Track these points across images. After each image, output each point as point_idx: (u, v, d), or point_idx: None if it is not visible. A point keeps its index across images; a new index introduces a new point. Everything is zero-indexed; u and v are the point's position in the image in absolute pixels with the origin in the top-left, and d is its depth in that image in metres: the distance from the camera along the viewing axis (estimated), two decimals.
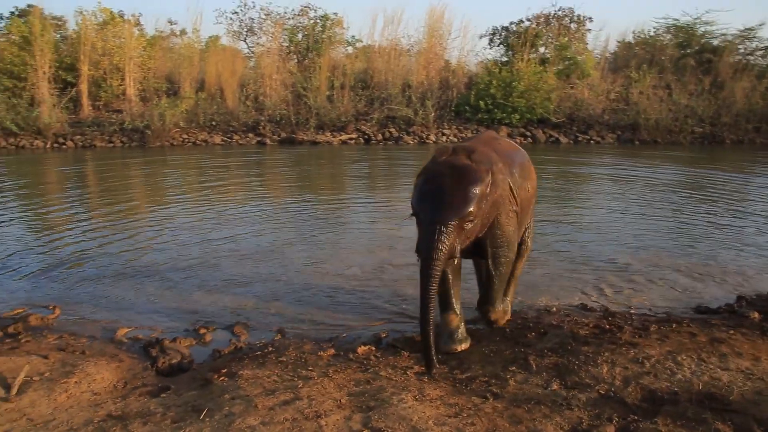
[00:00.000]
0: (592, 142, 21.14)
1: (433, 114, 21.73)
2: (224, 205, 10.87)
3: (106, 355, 4.48)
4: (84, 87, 23.14)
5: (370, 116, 22.08)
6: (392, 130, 21.65)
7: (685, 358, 4.15)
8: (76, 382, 3.93)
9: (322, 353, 4.44)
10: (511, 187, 4.38)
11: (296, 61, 25.48)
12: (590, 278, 6.55)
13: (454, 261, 3.97)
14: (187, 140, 21.12)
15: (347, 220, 9.80)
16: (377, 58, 24.55)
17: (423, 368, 4.06)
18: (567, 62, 24.40)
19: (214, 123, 21.89)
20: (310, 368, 4.08)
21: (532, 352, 4.36)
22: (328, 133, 21.46)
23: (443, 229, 3.74)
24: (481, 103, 21.91)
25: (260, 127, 21.59)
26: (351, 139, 21.37)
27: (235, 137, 21.18)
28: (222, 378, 3.94)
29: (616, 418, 3.36)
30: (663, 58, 24.75)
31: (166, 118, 20.85)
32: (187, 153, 19.15)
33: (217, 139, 21.23)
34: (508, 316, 5.13)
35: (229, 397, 3.57)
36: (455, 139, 21.10)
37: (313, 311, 5.59)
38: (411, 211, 4.01)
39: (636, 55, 24.98)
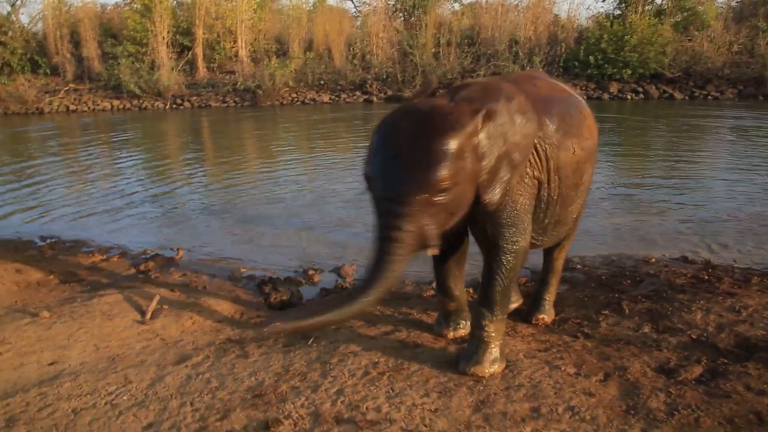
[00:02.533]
0: (710, 97, 20.09)
1: (540, 70, 21.25)
2: (331, 158, 11.31)
3: (224, 291, 4.94)
4: (199, 50, 24.28)
5: (476, 73, 21.94)
6: None
7: None
8: (199, 311, 4.39)
9: (422, 294, 4.69)
10: (537, 144, 3.26)
11: (402, 19, 25.56)
12: (696, 233, 6.44)
13: (435, 250, 2.88)
14: (296, 99, 21.80)
15: None
16: (484, 14, 24.24)
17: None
18: (685, 13, 23.13)
19: (322, 82, 22.44)
20: (411, 307, 4.34)
21: (626, 298, 4.42)
22: None
23: (399, 207, 2.74)
24: (591, 58, 21.26)
25: (367, 86, 21.94)
26: None
27: (343, 95, 21.65)
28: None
29: (705, 360, 3.42)
30: None
31: (276, 78, 21.57)
32: (297, 111, 19.79)
33: (325, 97, 21.78)
34: (548, 318, 4.14)
35: (334, 328, 3.90)
36: None
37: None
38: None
39: (766, 2, 23.23)
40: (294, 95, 22.11)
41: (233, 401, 3.07)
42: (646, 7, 22.70)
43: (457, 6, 26.91)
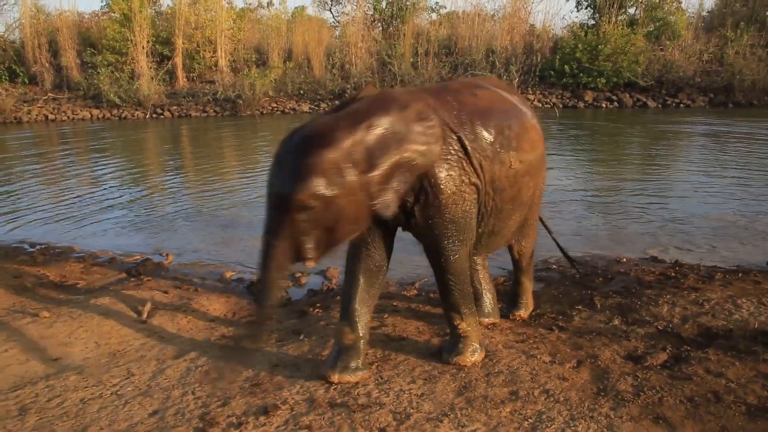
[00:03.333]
0: (681, 105, 20.62)
1: (517, 79, 21.68)
2: None
3: (216, 292, 5.14)
4: (179, 60, 24.36)
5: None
6: None
7: (744, 301, 4.38)
8: (193, 311, 4.60)
9: (406, 292, 4.93)
10: (467, 152, 3.25)
11: (381, 29, 25.91)
12: (667, 234, 6.77)
13: (311, 262, 2.97)
14: (276, 108, 21.99)
15: None
16: (461, 24, 24.64)
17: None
18: (657, 23, 23.71)
19: (301, 92, 22.64)
20: (395, 302, 4.58)
21: (598, 294, 4.70)
22: None
23: (271, 220, 2.88)
24: (566, 67, 21.70)
25: (346, 95, 22.15)
26: None
27: (322, 105, 21.86)
28: (317, 310, 4.53)
29: (670, 348, 3.68)
30: (767, 14, 23.54)
31: (256, 88, 21.74)
32: (277, 120, 19.99)
33: (305, 107, 21.99)
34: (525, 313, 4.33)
35: (324, 324, 4.13)
36: (539, 105, 21.06)
37: (400, 256, 6.09)
38: None
39: (734, 12, 23.87)
40: (274, 105, 22.29)
41: (232, 390, 3.29)
42: (620, 17, 23.24)
43: (434, 16, 27.36)
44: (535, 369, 3.41)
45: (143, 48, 23.98)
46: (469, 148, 3.26)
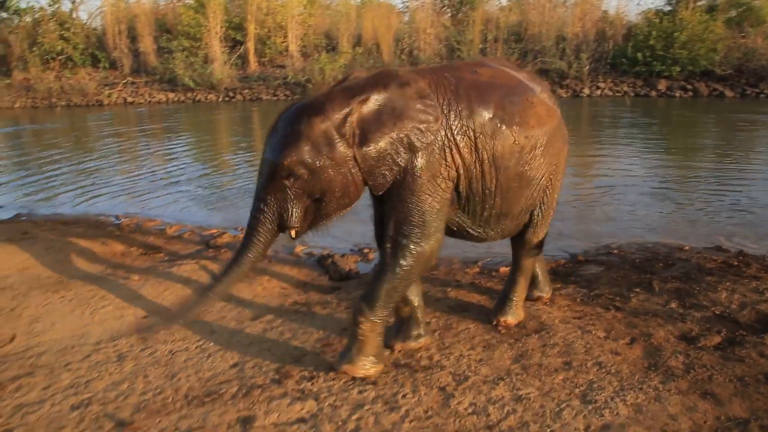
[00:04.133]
0: (762, 95, 19.87)
1: (587, 67, 21.37)
2: None
3: (288, 264, 5.47)
4: (251, 44, 24.98)
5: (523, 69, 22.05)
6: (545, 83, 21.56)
7: None
8: (268, 281, 4.93)
9: (468, 270, 5.13)
10: (461, 136, 3.20)
11: (450, 15, 25.88)
12: (735, 224, 6.73)
13: (293, 232, 3.06)
14: None
15: None
16: (531, 10, 24.35)
17: (554, 284, 4.61)
18: (740, 8, 22.87)
19: None
20: (457, 278, 4.81)
21: (657, 278, 4.79)
22: None
23: (261, 186, 3.00)
24: (639, 55, 21.22)
25: None
26: None
27: None
28: None
29: (725, 332, 3.78)
30: None
31: (326, 73, 22.12)
32: None
33: None
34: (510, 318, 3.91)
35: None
36: (609, 93, 20.72)
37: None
38: None
39: None
40: None
41: (305, 348, 3.59)
42: (698, 3, 22.55)
43: (504, 2, 27.14)
44: (589, 343, 3.58)
45: (216, 33, 24.72)
46: (455, 128, 3.18)
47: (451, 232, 3.52)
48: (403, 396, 3.06)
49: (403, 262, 3.15)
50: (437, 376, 3.23)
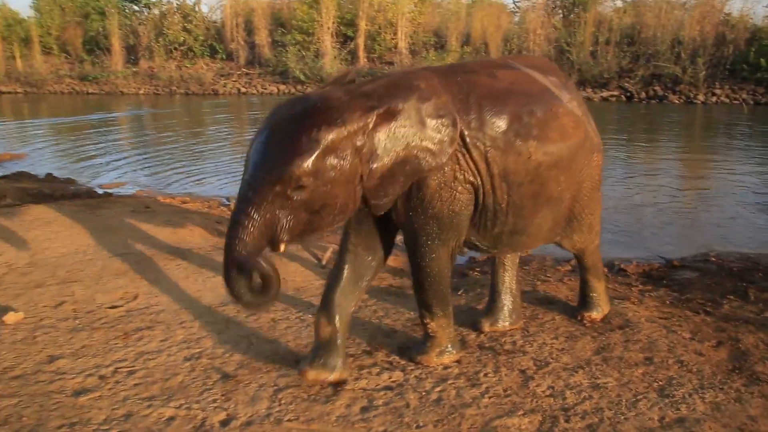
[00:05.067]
0: None
1: (703, 72, 20.51)
2: None
3: None
4: (361, 41, 25.59)
5: (634, 73, 21.53)
6: (657, 88, 20.98)
7: None
8: None
9: (560, 267, 5.24)
10: (473, 145, 2.98)
11: (561, 16, 25.49)
12: None
13: (281, 248, 2.70)
14: None
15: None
16: (647, 12, 23.59)
17: (645, 287, 4.65)
18: None
19: None
20: (547, 275, 4.93)
21: (755, 287, 4.71)
22: (589, 89, 21.41)
23: (252, 194, 2.58)
24: (763, 60, 20.14)
25: None
26: (612, 96, 21.15)
27: None
28: (476, 273, 5.00)
29: None
30: None
31: None
32: None
33: None
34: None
35: (481, 284, 4.57)
36: (726, 101, 19.82)
37: None
38: None
39: None
40: None
41: (396, 326, 3.85)
42: None
43: (619, 3, 26.44)
44: (673, 342, 3.63)
45: (328, 29, 25.51)
46: (468, 139, 2.96)
47: None
48: (485, 375, 3.24)
49: (429, 271, 3.11)
50: (519, 360, 3.39)
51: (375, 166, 2.72)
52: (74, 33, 28.94)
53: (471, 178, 3.01)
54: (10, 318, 3.90)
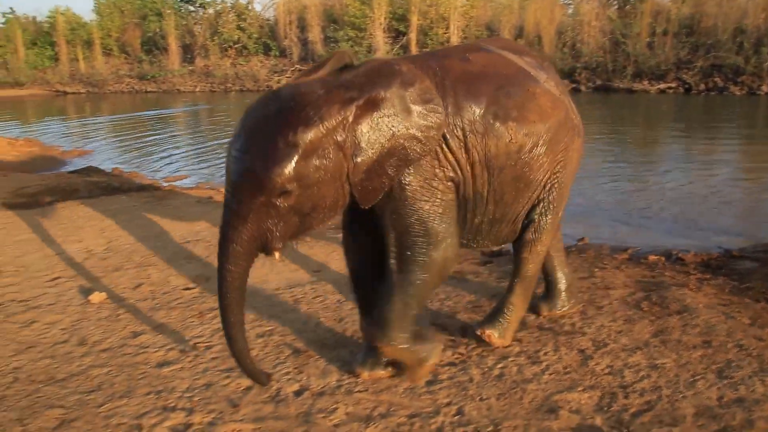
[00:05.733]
0: None
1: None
2: None
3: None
4: (413, 35, 25.70)
5: (693, 64, 21.03)
6: (717, 79, 20.44)
7: None
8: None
9: (617, 256, 5.28)
10: (451, 134, 2.86)
11: (617, 7, 25.09)
12: None
13: (277, 254, 2.66)
14: None
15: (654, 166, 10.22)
16: (708, 1, 22.97)
17: (703, 275, 4.66)
18: None
19: None
20: (604, 263, 4.98)
21: None
22: (645, 82, 21.05)
23: (237, 205, 2.50)
24: None
25: (575, 74, 21.96)
26: (670, 88, 20.73)
27: None
28: None
29: None
30: None
31: None
32: None
33: None
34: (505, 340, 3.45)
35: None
36: None
37: (616, 226, 6.45)
38: None
39: None
40: None
41: (457, 308, 3.99)
42: None
43: None
44: (732, 327, 3.66)
45: (380, 24, 25.72)
46: (456, 131, 2.87)
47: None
48: (545, 353, 3.36)
49: (412, 276, 2.87)
50: (578, 341, 3.49)
51: (360, 159, 2.60)
52: (133, 34, 29.93)
53: (451, 174, 2.90)
54: (95, 298, 4.21)
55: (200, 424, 2.85)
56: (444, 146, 2.84)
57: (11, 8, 39.55)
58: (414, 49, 25.55)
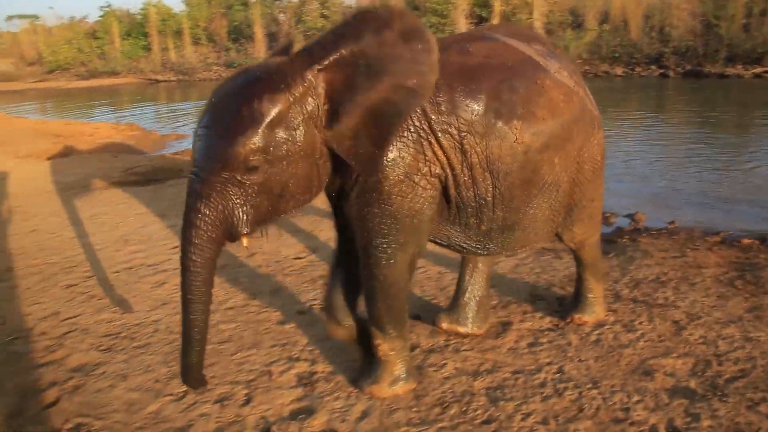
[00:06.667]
0: None
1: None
2: (628, 128, 11.82)
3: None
4: (495, 21, 25.46)
5: None
6: None
7: None
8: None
9: (708, 238, 5.33)
10: (444, 132, 2.60)
11: None
12: None
13: (245, 240, 2.45)
14: (588, 71, 22.05)
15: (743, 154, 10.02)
16: None
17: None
18: None
19: (616, 55, 22.35)
20: (696, 244, 5.06)
21: None
22: (739, 66, 20.26)
23: (200, 186, 2.30)
24: None
25: (663, 59, 21.39)
26: (766, 72, 19.90)
27: (637, 69, 21.40)
28: (624, 239, 5.23)
29: None
30: None
31: (570, 50, 22.01)
32: (590, 83, 20.11)
33: (619, 70, 21.71)
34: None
35: (631, 249, 4.83)
36: None
37: (706, 211, 6.43)
38: None
39: None
40: (586, 67, 22.35)
41: (553, 281, 4.21)
42: None
43: None
44: None
45: (463, 10, 25.69)
46: (436, 126, 2.59)
47: (438, 244, 3.03)
48: (640, 323, 3.55)
49: (383, 277, 2.72)
50: (671, 313, 3.66)
51: (341, 126, 2.35)
52: (220, 23, 30.96)
53: (437, 170, 2.65)
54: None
55: (323, 372, 3.20)
56: (434, 142, 2.60)
57: (108, 2, 41.67)
58: None
